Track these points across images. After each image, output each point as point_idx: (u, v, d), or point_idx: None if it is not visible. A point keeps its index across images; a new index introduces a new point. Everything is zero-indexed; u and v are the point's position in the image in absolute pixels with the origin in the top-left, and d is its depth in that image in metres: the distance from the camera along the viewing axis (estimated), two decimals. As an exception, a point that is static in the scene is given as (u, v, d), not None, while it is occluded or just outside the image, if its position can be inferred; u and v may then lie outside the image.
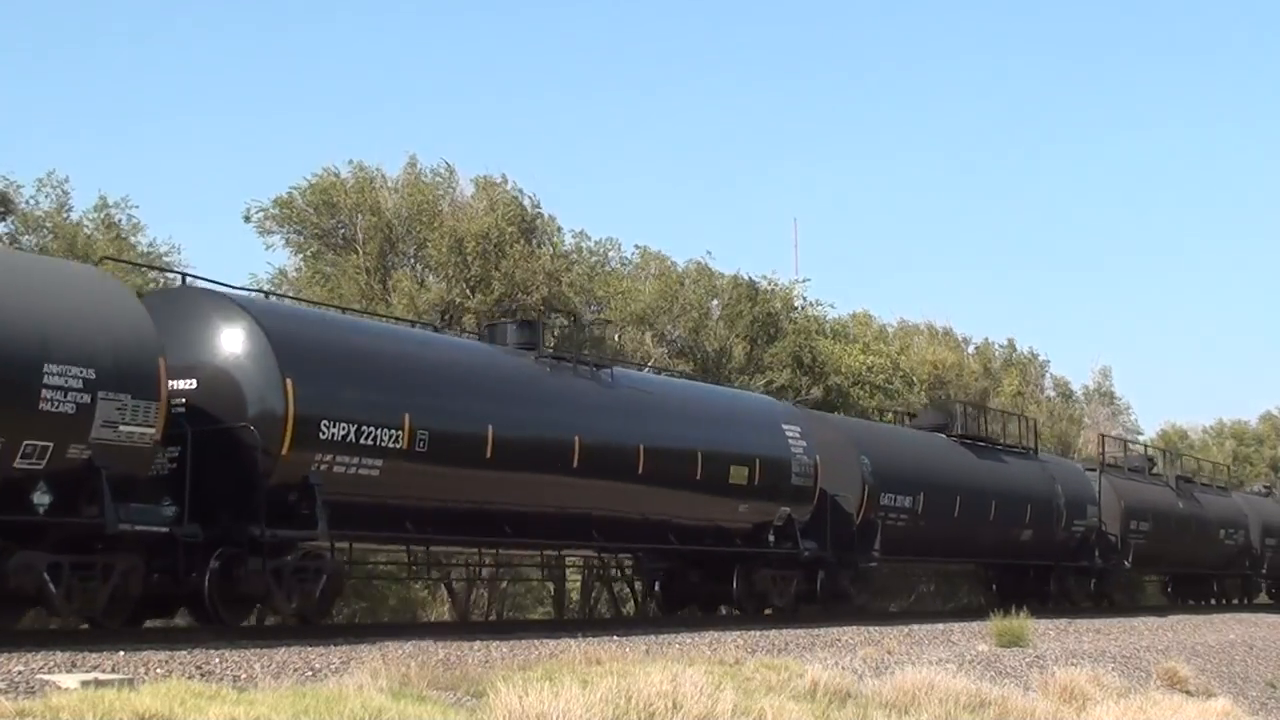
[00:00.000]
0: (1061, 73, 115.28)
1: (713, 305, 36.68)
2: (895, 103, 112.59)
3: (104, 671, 11.62)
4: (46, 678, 11.07)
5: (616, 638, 17.47)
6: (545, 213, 33.32)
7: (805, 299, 39.15)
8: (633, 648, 16.40)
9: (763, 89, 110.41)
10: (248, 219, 31.56)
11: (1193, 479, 42.13)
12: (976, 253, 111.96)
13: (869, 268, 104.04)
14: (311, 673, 12.80)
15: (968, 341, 51.71)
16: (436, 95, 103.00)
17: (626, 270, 37.15)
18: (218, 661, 12.79)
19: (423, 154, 48.28)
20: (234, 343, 16.05)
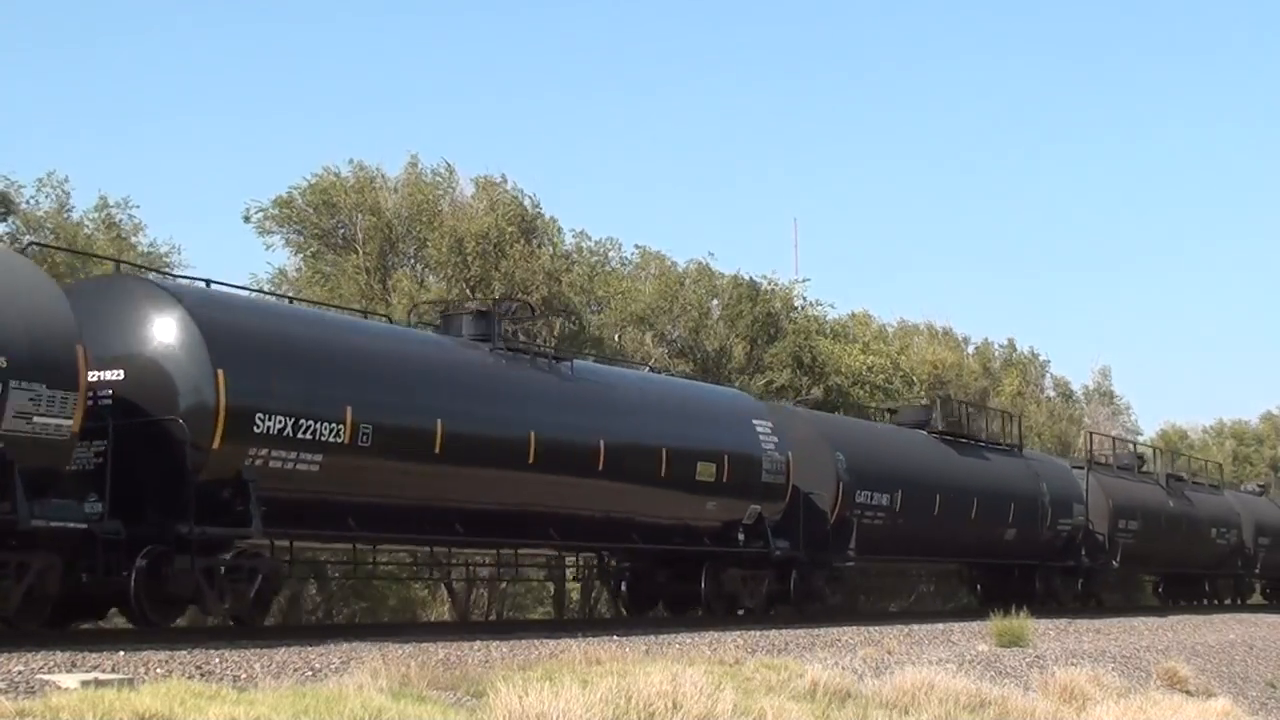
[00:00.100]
0: (1061, 73, 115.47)
1: (713, 305, 36.74)
2: (895, 103, 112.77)
3: (104, 671, 11.61)
4: (46, 678, 11.07)
5: (616, 638, 17.47)
6: (545, 213, 33.41)
7: (805, 299, 39.25)
8: (633, 648, 16.40)
9: (763, 89, 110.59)
10: (247, 219, 31.65)
11: (1184, 477, 41.66)
12: (976, 253, 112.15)
13: (869, 268, 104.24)
14: (311, 673, 12.81)
15: (968, 341, 51.81)
16: (436, 95, 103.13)
17: (626, 270, 37.22)
18: (218, 661, 12.80)
19: (423, 154, 48.36)
20: (164, 332, 15.40)
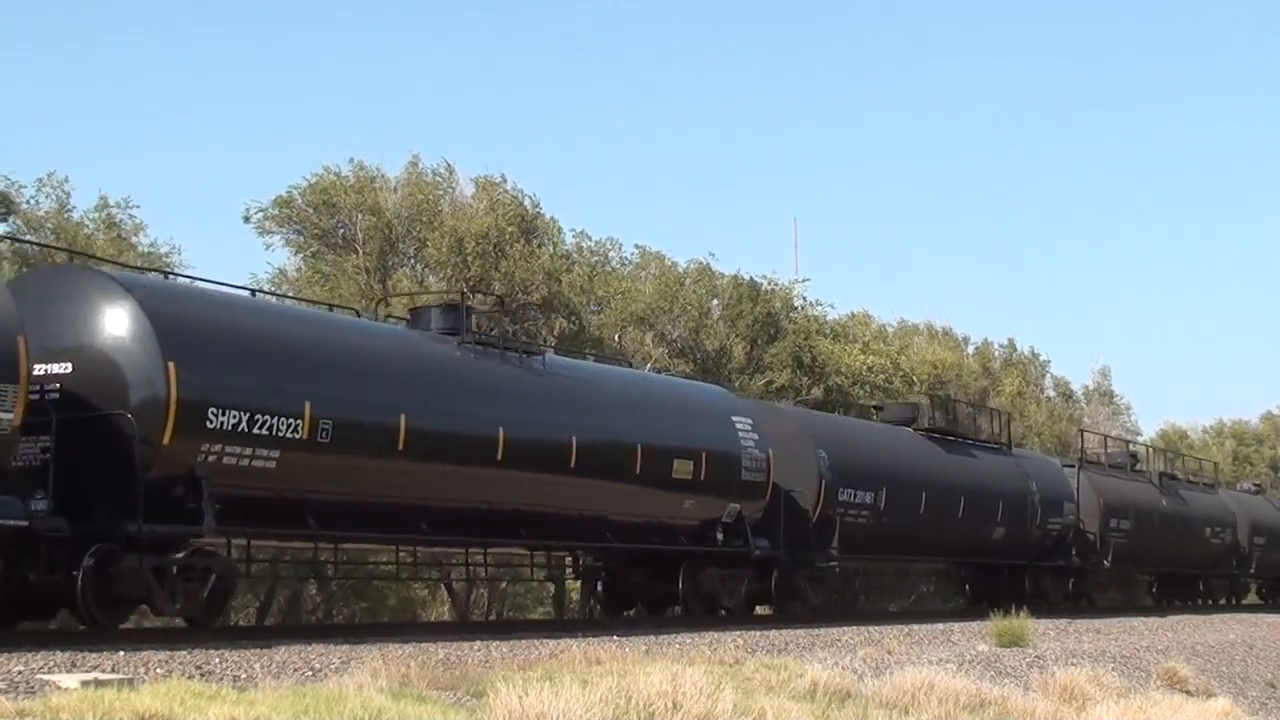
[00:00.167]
0: (1061, 73, 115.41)
1: (713, 305, 36.76)
2: (895, 103, 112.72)
3: (104, 671, 11.62)
4: (46, 678, 11.07)
5: (616, 638, 17.47)
6: (545, 213, 33.42)
7: (805, 299, 39.26)
8: (633, 648, 16.40)
9: (763, 89, 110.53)
10: (247, 220, 31.62)
11: (1177, 476, 41.20)
12: (976, 253, 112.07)
13: (869, 268, 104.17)
14: (311, 673, 12.81)
15: (968, 341, 51.79)
16: (436, 95, 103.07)
17: (626, 270, 37.24)
18: (218, 661, 12.80)
19: (423, 154, 48.33)
20: (114, 324, 14.91)
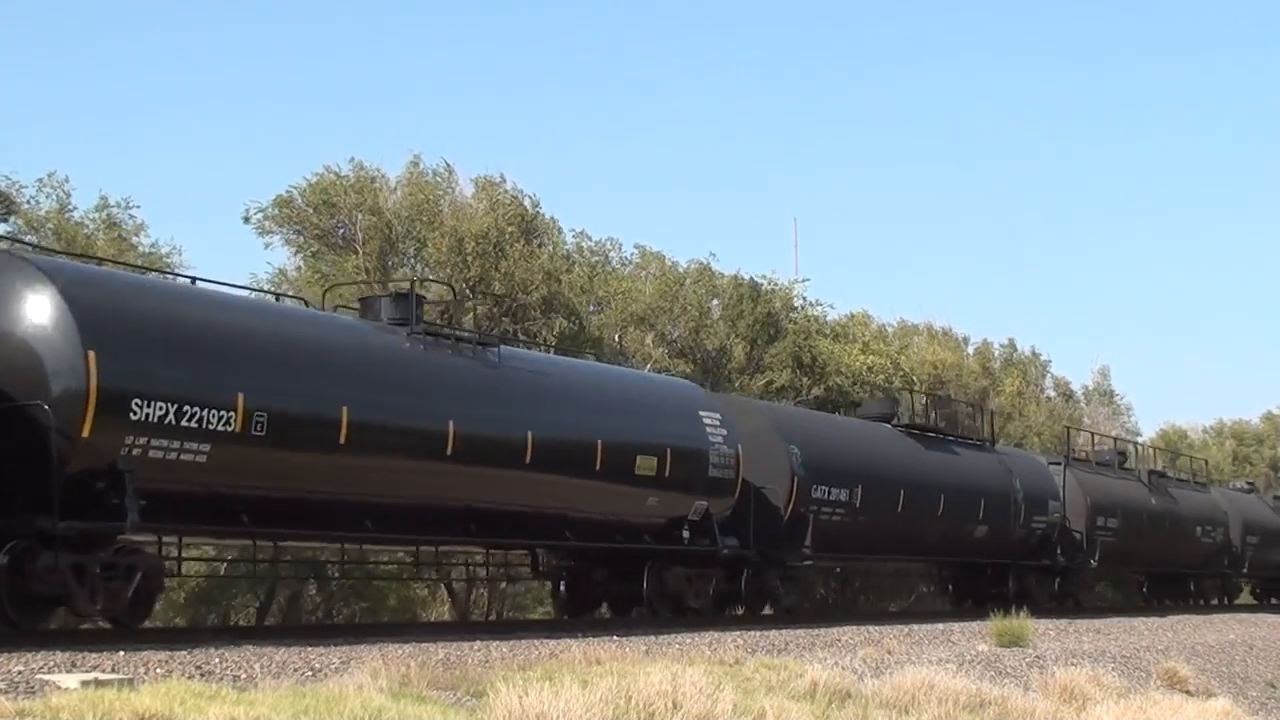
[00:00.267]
0: (1061, 73, 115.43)
1: (713, 305, 36.76)
2: (895, 104, 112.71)
3: (104, 671, 11.60)
4: (46, 678, 11.06)
5: (616, 638, 17.47)
6: (545, 213, 33.40)
7: (805, 299, 39.27)
8: (633, 648, 16.40)
9: (763, 89, 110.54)
10: (247, 220, 31.61)
11: (1167, 474, 40.62)
12: (976, 253, 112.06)
13: (869, 268, 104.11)
14: (311, 673, 12.81)
15: (967, 341, 51.75)
16: (436, 95, 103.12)
17: (626, 270, 37.23)
18: (218, 661, 12.79)
19: (423, 154, 48.32)
20: (34, 312, 14.28)
